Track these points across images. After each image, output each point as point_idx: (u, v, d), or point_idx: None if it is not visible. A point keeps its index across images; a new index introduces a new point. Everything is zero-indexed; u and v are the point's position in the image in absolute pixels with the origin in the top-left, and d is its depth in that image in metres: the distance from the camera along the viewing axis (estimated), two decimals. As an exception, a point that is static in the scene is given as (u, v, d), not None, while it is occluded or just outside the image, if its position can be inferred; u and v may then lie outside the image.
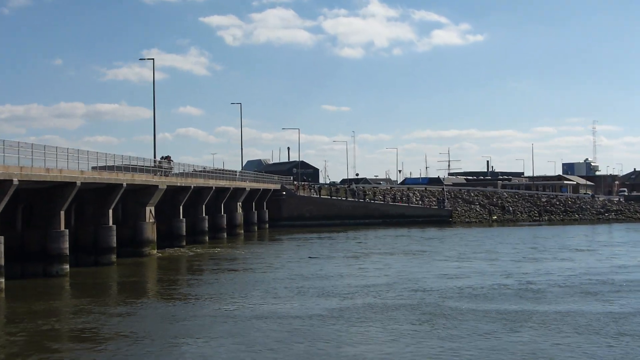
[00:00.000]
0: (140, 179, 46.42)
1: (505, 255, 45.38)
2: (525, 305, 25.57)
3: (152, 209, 49.55)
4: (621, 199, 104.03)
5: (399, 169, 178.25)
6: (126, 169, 44.87)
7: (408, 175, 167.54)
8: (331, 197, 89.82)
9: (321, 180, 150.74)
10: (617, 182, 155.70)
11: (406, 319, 23.39)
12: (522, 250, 48.49)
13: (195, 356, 19.17)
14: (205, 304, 27.36)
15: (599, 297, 27.49)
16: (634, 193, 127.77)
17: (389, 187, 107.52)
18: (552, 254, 46.01)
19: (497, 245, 53.57)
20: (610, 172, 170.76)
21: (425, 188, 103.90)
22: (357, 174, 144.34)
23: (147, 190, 48.30)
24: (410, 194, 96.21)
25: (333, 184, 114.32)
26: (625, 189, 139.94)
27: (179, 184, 54.06)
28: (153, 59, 61.50)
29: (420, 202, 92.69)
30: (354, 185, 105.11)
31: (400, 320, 23.19)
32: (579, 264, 39.97)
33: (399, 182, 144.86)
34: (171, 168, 55.08)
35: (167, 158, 56.69)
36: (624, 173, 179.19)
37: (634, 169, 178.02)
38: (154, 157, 55.54)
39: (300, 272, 37.41)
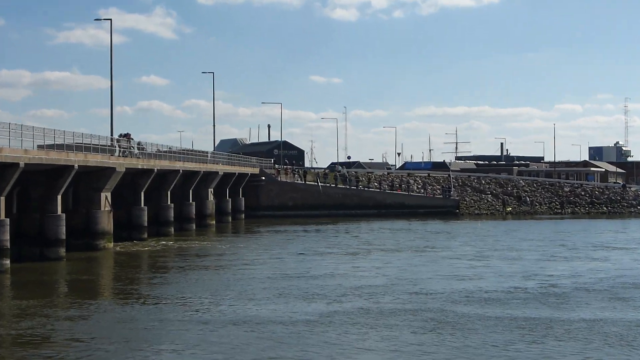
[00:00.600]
0: (94, 159, 46.22)
1: (529, 253, 45.49)
2: (551, 312, 25.62)
3: (109, 195, 49.39)
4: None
5: (397, 151, 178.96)
6: (78, 148, 44.66)
7: (408, 159, 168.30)
8: (318, 183, 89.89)
9: (307, 164, 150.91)
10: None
11: (416, 326, 23.39)
12: (549, 248, 48.56)
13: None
14: (172, 307, 27.24)
15: (631, 303, 27.63)
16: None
17: (385, 173, 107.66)
18: (582, 252, 46.15)
19: (519, 242, 53.57)
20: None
21: (429, 174, 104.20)
22: (348, 157, 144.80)
23: (102, 173, 48.11)
24: (411, 181, 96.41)
25: (333, 168, 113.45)
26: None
27: (140, 166, 53.90)
28: (110, 19, 61.15)
29: (422, 190, 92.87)
30: (345, 170, 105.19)
31: (408, 328, 23.20)
32: (613, 264, 40.12)
33: (397, 167, 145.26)
34: (143, 148, 54.90)
35: (127, 136, 56.55)
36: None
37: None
38: (111, 135, 55.33)
39: (285, 271, 37.37)
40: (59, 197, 43.26)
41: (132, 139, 56.14)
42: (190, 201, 67.00)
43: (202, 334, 22.45)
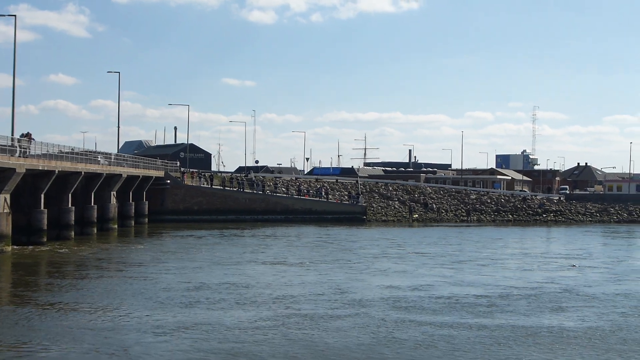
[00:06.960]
0: (-7, 160, 45.86)
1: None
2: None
3: (8, 197, 48.97)
4: (562, 198, 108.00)
5: (306, 156, 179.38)
6: (-24, 148, 44.28)
7: (317, 165, 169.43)
8: (224, 187, 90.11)
9: (214, 168, 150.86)
10: (557, 179, 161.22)
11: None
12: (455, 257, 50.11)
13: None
14: (72, 313, 27.43)
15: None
16: (577, 191, 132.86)
17: (294, 178, 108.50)
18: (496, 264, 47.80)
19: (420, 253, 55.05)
20: (550, 166, 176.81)
21: (337, 180, 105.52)
22: (256, 161, 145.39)
23: (1, 174, 47.68)
24: (319, 187, 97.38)
25: (241, 172, 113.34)
26: (567, 187, 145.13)
27: (40, 167, 53.51)
28: (15, 15, 60.26)
29: (330, 196, 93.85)
30: (252, 175, 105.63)
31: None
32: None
33: (306, 172, 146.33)
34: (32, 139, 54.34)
35: (28, 135, 56.02)
36: (566, 168, 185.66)
37: (578, 163, 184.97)
38: (12, 134, 54.79)
39: (187, 278, 37.77)
40: (-45, 198, 42.85)
41: (33, 139, 55.64)
42: (92, 204, 66.57)
43: (99, 339, 22.80)
